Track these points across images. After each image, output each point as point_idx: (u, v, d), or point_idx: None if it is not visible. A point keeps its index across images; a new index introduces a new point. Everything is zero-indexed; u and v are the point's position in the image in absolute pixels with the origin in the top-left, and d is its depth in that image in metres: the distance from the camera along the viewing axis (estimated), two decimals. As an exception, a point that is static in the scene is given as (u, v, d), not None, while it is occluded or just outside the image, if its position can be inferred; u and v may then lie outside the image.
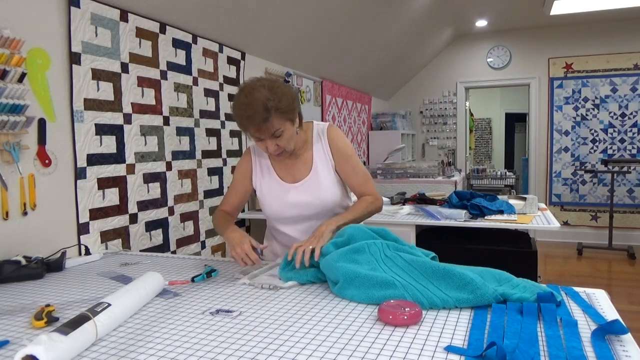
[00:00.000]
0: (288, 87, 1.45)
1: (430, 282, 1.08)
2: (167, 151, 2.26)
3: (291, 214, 1.59)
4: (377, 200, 1.60)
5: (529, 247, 2.51)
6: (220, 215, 1.62)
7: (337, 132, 1.60)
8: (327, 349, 0.84)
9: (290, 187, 1.57)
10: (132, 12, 2.04)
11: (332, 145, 1.58)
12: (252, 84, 1.39)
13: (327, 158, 1.58)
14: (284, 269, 1.30)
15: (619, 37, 5.39)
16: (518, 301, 1.00)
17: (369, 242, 1.24)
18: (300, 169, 1.58)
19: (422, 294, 1.04)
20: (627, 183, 5.49)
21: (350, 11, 3.42)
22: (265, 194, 1.61)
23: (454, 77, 6.14)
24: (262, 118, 1.34)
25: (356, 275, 1.11)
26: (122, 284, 1.32)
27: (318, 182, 1.56)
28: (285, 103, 1.38)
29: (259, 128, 1.36)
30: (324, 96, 4.23)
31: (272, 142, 1.42)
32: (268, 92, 1.35)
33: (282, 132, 1.41)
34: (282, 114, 1.38)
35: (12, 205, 1.55)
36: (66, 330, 0.82)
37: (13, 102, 1.49)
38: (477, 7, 4.91)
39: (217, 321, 1.00)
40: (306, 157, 1.58)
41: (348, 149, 1.59)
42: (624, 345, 0.81)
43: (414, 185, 4.25)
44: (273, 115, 1.35)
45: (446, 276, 1.06)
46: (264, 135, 1.40)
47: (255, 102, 1.34)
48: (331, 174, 1.58)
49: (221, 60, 2.71)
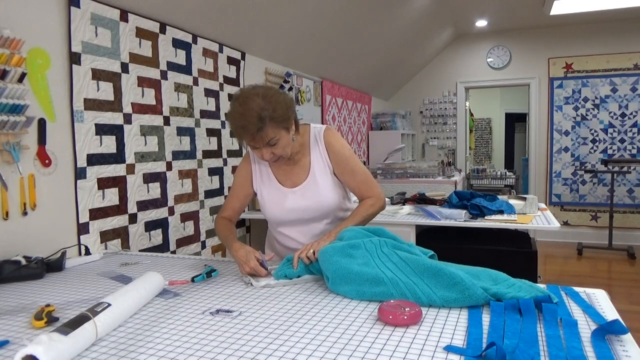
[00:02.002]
0: (283, 95, 1.44)
1: (420, 279, 1.09)
2: (167, 151, 2.26)
3: (291, 218, 1.59)
4: (379, 201, 1.59)
5: (529, 247, 2.51)
6: (222, 225, 1.61)
7: (334, 135, 1.59)
8: (327, 349, 0.84)
9: (289, 191, 1.58)
10: (132, 12, 2.03)
11: (329, 149, 1.57)
12: (247, 93, 1.38)
13: (324, 162, 1.57)
14: (278, 270, 1.31)
15: (619, 37, 5.39)
16: (513, 299, 1.00)
17: (365, 240, 1.26)
18: (298, 173, 1.59)
19: (409, 291, 1.05)
20: (627, 183, 5.49)
21: (350, 11, 3.42)
22: (265, 199, 1.61)
23: (454, 77, 6.14)
24: (256, 128, 1.34)
25: (348, 271, 1.13)
26: (122, 284, 1.32)
27: (316, 186, 1.56)
28: (279, 112, 1.37)
29: (254, 137, 1.37)
30: (324, 96, 4.23)
31: (268, 150, 1.42)
32: (262, 102, 1.35)
33: (277, 140, 1.41)
34: (277, 123, 1.38)
35: (12, 205, 1.55)
36: (66, 330, 0.82)
37: (13, 102, 1.49)
38: (477, 7, 4.91)
39: (217, 321, 1.00)
40: (304, 161, 1.58)
41: (346, 150, 1.58)
42: (624, 345, 0.81)
43: (414, 185, 4.25)
44: (267, 124, 1.35)
45: (437, 274, 1.07)
46: (258, 144, 1.40)
47: (249, 111, 1.33)
48: (329, 178, 1.58)
49: (221, 60, 2.71)
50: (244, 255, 1.36)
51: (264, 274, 1.31)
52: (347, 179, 1.58)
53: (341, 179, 1.59)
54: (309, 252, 1.31)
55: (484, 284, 1.05)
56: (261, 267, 1.32)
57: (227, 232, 1.58)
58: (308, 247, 1.34)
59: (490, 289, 1.03)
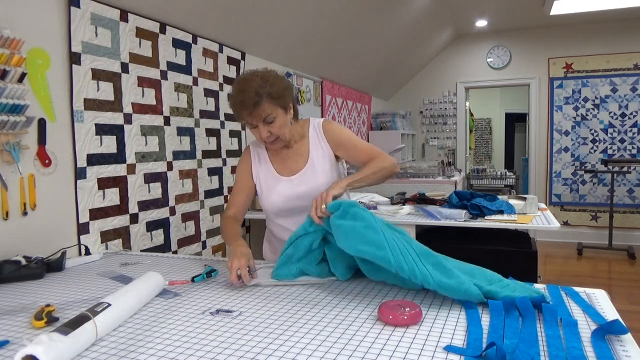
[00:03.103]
0: (282, 77, 1.52)
1: (419, 260, 1.08)
2: (167, 151, 2.26)
3: (289, 206, 1.60)
4: (389, 159, 1.54)
5: (529, 247, 2.51)
6: (225, 224, 1.58)
7: (332, 123, 1.65)
8: (327, 349, 0.84)
9: (287, 179, 1.60)
10: (132, 12, 2.03)
11: (328, 134, 1.61)
12: (247, 74, 1.48)
13: (323, 149, 1.61)
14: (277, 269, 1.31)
15: (619, 37, 5.39)
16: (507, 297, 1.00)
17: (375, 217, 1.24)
18: (297, 161, 1.62)
19: (407, 264, 1.04)
20: (627, 183, 5.49)
21: (350, 11, 3.42)
22: (263, 187, 1.63)
23: (454, 77, 6.14)
24: (253, 102, 1.41)
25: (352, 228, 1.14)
26: (122, 284, 1.32)
27: (314, 173, 1.58)
28: (276, 89, 1.45)
29: (251, 112, 1.43)
30: (324, 96, 4.23)
31: (265, 128, 1.46)
32: (260, 80, 1.44)
33: (274, 118, 1.46)
34: (274, 99, 1.44)
35: (12, 205, 1.55)
36: (66, 330, 0.82)
37: (13, 102, 1.49)
38: (477, 7, 4.91)
39: (217, 321, 1.00)
40: (302, 149, 1.62)
41: (345, 132, 1.62)
42: (624, 345, 0.81)
43: (414, 185, 4.24)
44: (264, 99, 1.42)
45: (436, 265, 1.07)
46: (255, 121, 1.45)
47: (248, 88, 1.42)
48: (327, 165, 1.60)
49: (221, 60, 2.71)
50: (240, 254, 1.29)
51: (246, 281, 1.25)
52: (352, 154, 1.59)
53: (346, 156, 1.61)
54: (321, 210, 1.27)
55: (478, 282, 1.05)
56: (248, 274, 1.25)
57: (229, 232, 1.55)
58: (319, 200, 1.30)
59: (483, 287, 1.03)
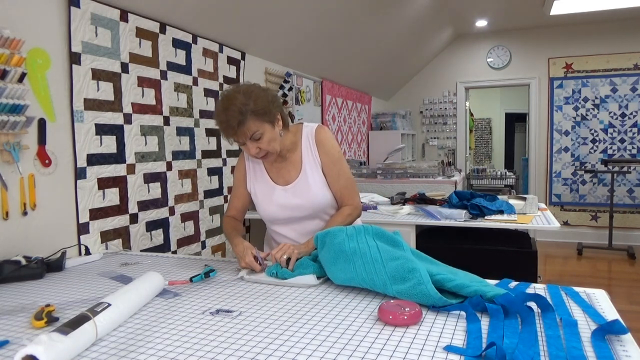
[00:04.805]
0: (266, 91, 1.48)
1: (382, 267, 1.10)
2: (167, 151, 2.26)
3: (284, 216, 1.61)
4: (356, 210, 1.63)
5: (529, 247, 2.51)
6: (226, 223, 1.66)
7: (326, 134, 1.61)
8: (327, 349, 0.84)
9: (281, 189, 1.60)
10: (132, 12, 2.03)
11: (320, 147, 1.59)
12: (229, 92, 1.44)
13: (314, 160, 1.59)
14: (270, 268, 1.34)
15: (619, 37, 5.39)
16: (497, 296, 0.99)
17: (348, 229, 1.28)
18: (290, 171, 1.61)
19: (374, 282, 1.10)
20: (627, 183, 5.49)
21: (350, 11, 3.42)
22: (258, 197, 1.63)
23: (454, 77, 6.14)
24: (237, 121, 1.38)
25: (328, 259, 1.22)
26: (122, 284, 1.32)
27: (307, 183, 1.58)
28: (260, 104, 1.41)
29: (236, 132, 1.41)
30: (324, 96, 4.23)
31: (253, 145, 1.45)
32: (243, 97, 1.40)
33: (261, 134, 1.44)
34: (259, 116, 1.41)
35: (12, 205, 1.55)
36: (66, 330, 0.82)
37: (13, 102, 1.49)
38: (477, 7, 4.91)
39: (217, 321, 1.00)
40: (295, 159, 1.60)
41: (335, 152, 1.60)
42: (624, 345, 0.81)
43: (414, 185, 4.24)
44: (248, 118, 1.39)
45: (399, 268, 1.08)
46: (242, 139, 1.44)
47: (231, 107, 1.38)
48: (320, 176, 1.59)
49: (221, 60, 2.71)
50: (242, 250, 1.42)
51: (258, 269, 1.36)
52: (331, 180, 1.60)
53: (327, 178, 1.61)
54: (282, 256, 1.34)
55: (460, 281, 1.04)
56: (256, 262, 1.36)
57: (231, 229, 1.62)
58: (285, 248, 1.37)
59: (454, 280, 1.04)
